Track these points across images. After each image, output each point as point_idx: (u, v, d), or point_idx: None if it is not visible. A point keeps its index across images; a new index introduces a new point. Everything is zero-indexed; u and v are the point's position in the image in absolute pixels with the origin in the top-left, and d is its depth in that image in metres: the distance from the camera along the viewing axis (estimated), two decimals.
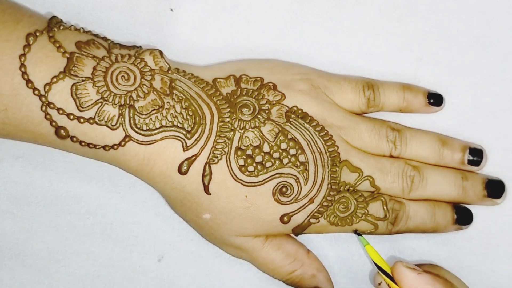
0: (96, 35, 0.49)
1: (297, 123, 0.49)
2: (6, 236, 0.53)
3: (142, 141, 0.46)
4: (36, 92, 0.45)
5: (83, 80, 0.46)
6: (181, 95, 0.48)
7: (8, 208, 0.53)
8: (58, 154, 0.52)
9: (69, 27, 0.48)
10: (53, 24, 0.47)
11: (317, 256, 0.52)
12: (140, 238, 0.53)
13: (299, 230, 0.49)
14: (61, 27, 0.47)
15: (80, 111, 0.45)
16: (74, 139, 0.46)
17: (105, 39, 0.49)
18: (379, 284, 0.49)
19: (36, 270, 0.53)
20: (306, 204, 0.48)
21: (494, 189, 0.52)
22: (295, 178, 0.48)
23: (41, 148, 0.48)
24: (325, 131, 0.49)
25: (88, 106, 0.46)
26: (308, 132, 0.49)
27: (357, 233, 0.50)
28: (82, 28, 0.48)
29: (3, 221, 0.53)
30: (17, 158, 0.53)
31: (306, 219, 0.49)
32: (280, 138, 0.48)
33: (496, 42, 0.53)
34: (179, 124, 0.47)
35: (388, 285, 0.47)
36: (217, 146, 0.47)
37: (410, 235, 0.52)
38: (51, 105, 0.45)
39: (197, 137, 0.47)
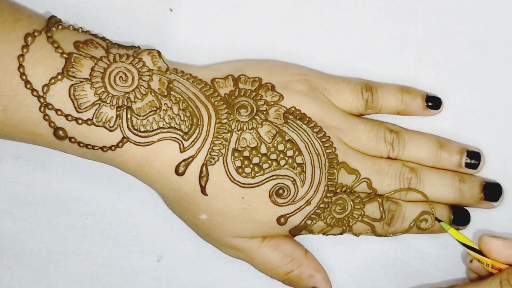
0: (95, 35, 0.48)
1: (295, 124, 0.49)
2: (5, 236, 0.53)
3: (139, 143, 0.47)
4: (35, 93, 0.45)
5: (81, 81, 0.46)
6: (179, 96, 0.48)
7: (8, 208, 0.53)
8: (57, 154, 0.52)
9: (68, 26, 0.48)
10: (52, 23, 0.47)
11: (317, 255, 0.52)
12: (139, 238, 0.53)
13: (296, 231, 0.49)
14: (60, 27, 0.47)
15: (78, 112, 0.46)
16: (73, 140, 0.46)
17: (103, 39, 0.49)
18: (471, 261, 0.50)
19: (35, 270, 0.53)
20: (303, 206, 0.48)
21: (491, 192, 0.52)
22: (292, 180, 0.48)
23: (40, 148, 0.48)
24: (323, 133, 0.49)
25: (86, 107, 0.46)
26: (305, 134, 0.49)
27: (438, 220, 0.50)
28: (81, 27, 0.48)
29: (2, 221, 0.53)
30: (16, 158, 0.53)
31: (302, 220, 0.49)
32: (278, 139, 0.48)
33: (496, 44, 0.53)
34: (176, 126, 0.47)
35: (479, 260, 0.48)
36: (214, 148, 0.47)
37: (410, 235, 0.52)
38: (50, 106, 0.45)
39: (194, 139, 0.47)
